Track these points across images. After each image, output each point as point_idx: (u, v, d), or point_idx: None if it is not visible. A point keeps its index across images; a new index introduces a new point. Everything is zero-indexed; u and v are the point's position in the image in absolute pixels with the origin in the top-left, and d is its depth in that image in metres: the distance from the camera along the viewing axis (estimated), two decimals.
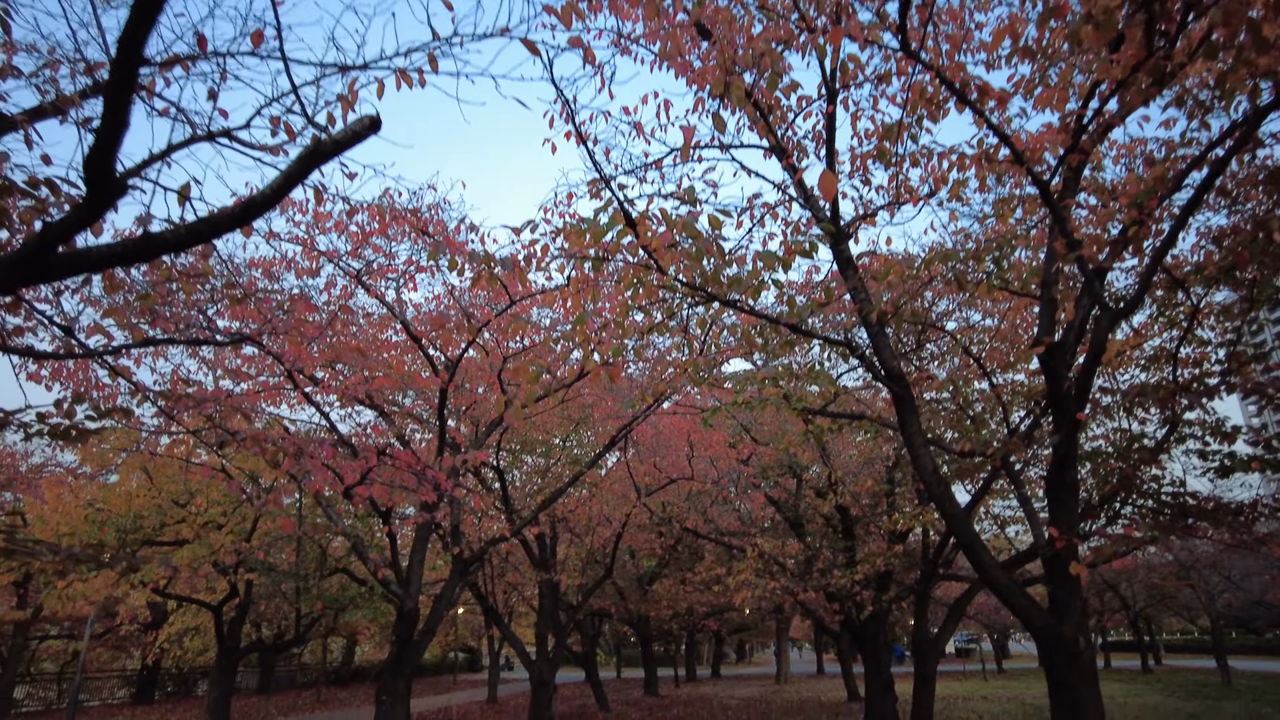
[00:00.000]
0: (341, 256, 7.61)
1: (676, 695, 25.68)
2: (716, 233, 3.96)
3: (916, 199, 6.11)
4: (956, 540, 4.90)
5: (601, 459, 16.03)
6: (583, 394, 13.27)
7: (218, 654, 12.31)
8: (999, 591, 4.63)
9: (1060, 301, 5.39)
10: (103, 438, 10.94)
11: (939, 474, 4.93)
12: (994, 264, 4.89)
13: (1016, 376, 9.31)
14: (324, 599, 13.09)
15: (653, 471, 13.98)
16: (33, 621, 21.07)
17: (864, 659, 14.60)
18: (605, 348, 4.87)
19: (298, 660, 36.20)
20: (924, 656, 9.59)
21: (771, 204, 5.77)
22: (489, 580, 15.83)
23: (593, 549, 17.48)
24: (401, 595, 8.77)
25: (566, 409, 15.11)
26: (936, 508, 4.97)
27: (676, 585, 22.42)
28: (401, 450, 6.23)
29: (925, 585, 9.88)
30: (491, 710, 22.06)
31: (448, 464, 8.17)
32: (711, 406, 6.64)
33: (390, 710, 8.62)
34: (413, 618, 8.76)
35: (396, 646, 8.89)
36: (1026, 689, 24.20)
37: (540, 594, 15.39)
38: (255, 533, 11.24)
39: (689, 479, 13.72)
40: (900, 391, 5.07)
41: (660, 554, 20.21)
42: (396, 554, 9.05)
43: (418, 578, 9.14)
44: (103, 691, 26.63)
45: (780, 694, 25.06)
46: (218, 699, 12.14)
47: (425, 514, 9.09)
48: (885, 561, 10.82)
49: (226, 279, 3.98)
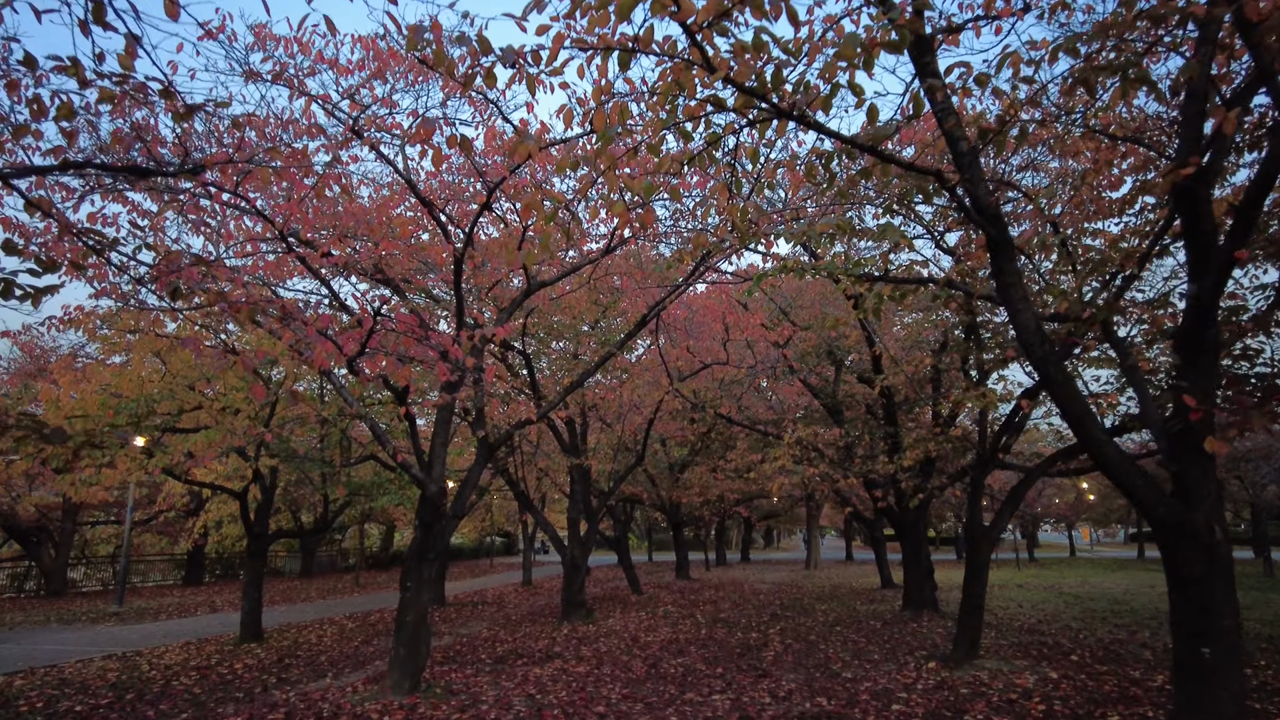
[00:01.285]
0: (335, 105, 6.67)
1: (707, 579, 26.07)
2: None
3: (1010, 9, 4.97)
4: (1064, 413, 4.10)
5: (632, 343, 15.36)
6: (610, 276, 12.43)
7: (247, 540, 12.24)
8: (1113, 471, 3.87)
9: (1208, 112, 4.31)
10: (106, 321, 10.45)
11: (1043, 332, 4.07)
12: (1124, 69, 3.81)
13: (1094, 242, 8.24)
14: (351, 486, 12.89)
15: (685, 357, 13.27)
16: (76, 508, 21.67)
17: (903, 546, 14.24)
18: (636, 183, 3.98)
19: (338, 546, 37.56)
20: (977, 546, 9.02)
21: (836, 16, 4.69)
22: (520, 466, 15.59)
23: (623, 437, 17.10)
24: (424, 480, 8.31)
25: (594, 293, 14.34)
26: (1038, 374, 4.15)
27: (708, 473, 22.25)
28: (404, 314, 5.52)
29: (982, 471, 9.20)
30: (526, 592, 22.54)
31: (466, 340, 7.48)
32: (758, 273, 5.77)
33: (415, 596, 8.33)
34: (436, 502, 8.33)
35: (420, 532, 8.51)
36: (1061, 578, 24.08)
37: (571, 480, 15.12)
38: (274, 418, 10.84)
39: (724, 364, 13.00)
40: (996, 234, 4.15)
41: (692, 441, 19.83)
42: (416, 437, 8.52)
43: (441, 462, 8.66)
44: (155, 573, 27.82)
45: (811, 579, 25.29)
46: (249, 582, 12.15)
47: (446, 395, 8.51)
48: (937, 446, 10.13)
49: (164, 87, 3.14)
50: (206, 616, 16.94)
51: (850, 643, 11.13)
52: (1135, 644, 10.63)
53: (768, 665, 9.52)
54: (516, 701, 7.73)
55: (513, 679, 8.87)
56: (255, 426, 9.78)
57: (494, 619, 15.54)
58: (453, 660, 10.31)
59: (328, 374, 7.40)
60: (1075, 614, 14.26)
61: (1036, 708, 7.16)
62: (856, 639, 11.48)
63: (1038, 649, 10.25)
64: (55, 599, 21.75)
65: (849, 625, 13.04)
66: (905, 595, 14.27)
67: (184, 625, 15.22)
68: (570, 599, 14.15)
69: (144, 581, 26.77)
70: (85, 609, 18.59)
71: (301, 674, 9.66)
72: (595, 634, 12.51)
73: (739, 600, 17.88)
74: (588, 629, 13.14)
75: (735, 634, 12.27)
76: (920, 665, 9.12)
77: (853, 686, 8.21)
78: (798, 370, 13.59)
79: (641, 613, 15.41)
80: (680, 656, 10.26)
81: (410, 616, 8.34)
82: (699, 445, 21.16)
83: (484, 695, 8.03)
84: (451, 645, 11.82)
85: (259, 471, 11.52)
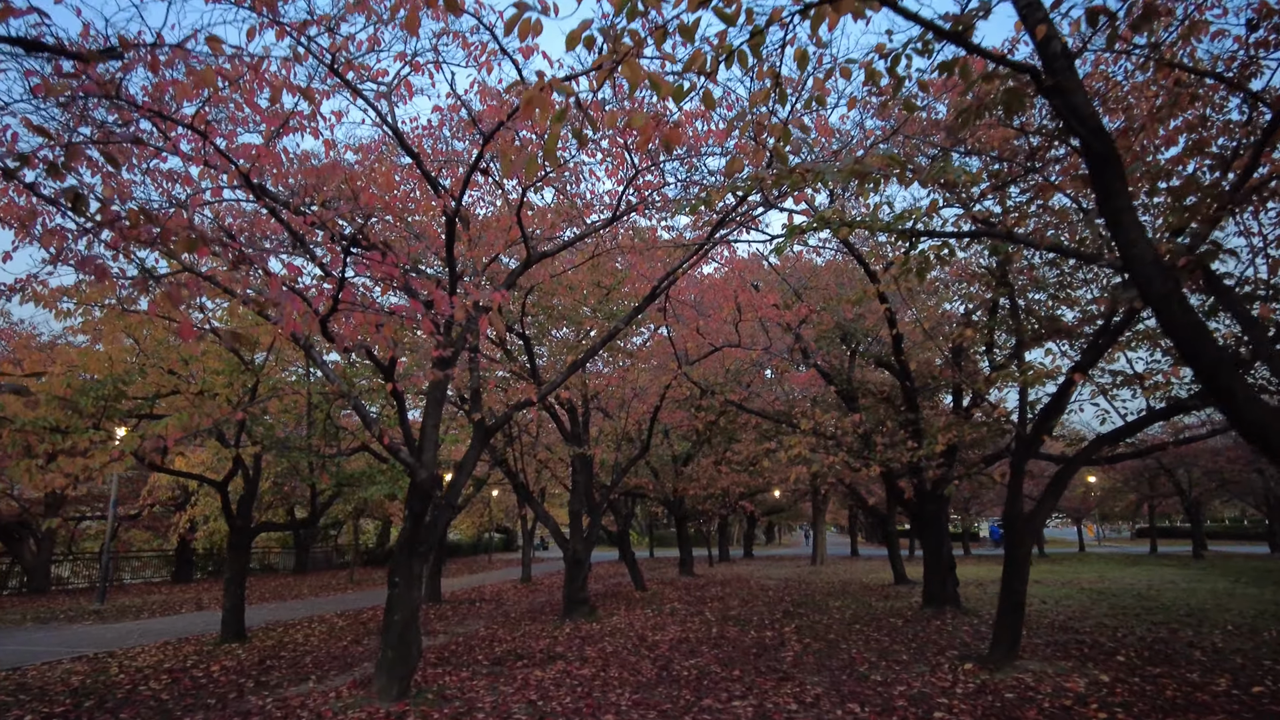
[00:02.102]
0: (311, 38, 5.89)
1: (712, 575, 25.33)
2: None
3: None
4: (1194, 362, 3.31)
5: (636, 327, 14.58)
6: (615, 256, 11.66)
7: (229, 533, 11.47)
8: (1256, 433, 3.13)
9: None
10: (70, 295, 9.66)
11: (1161, 262, 3.32)
12: None
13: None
14: (339, 477, 12.07)
15: (694, 339, 12.51)
16: (60, 502, 20.87)
17: (923, 540, 13.50)
18: (664, 89, 3.21)
19: (334, 542, 36.76)
20: (1018, 538, 8.26)
21: None
22: (519, 458, 14.81)
23: (626, 428, 16.35)
24: (413, 464, 7.54)
25: (596, 273, 13.56)
26: (1159, 317, 3.39)
27: (712, 466, 21.47)
28: (378, 253, 4.75)
29: (1024, 455, 8.42)
30: (525, 589, 21.79)
31: (460, 305, 6.72)
32: (791, 226, 4.99)
33: (404, 593, 7.57)
34: (427, 489, 7.56)
35: (410, 522, 7.75)
36: (1075, 574, 23.35)
37: (573, 470, 14.35)
38: (255, 400, 10.08)
39: (736, 345, 12.25)
40: (1102, 147, 3.39)
41: (700, 430, 18.98)
42: (406, 420, 7.74)
43: (433, 445, 7.90)
44: (146, 570, 27.03)
45: (819, 575, 24.55)
46: (231, 579, 11.39)
47: (438, 371, 7.74)
48: (972, 429, 9.37)
49: None
50: (191, 615, 16.17)
51: (873, 642, 10.39)
52: (1180, 643, 9.89)
53: (788, 667, 8.76)
54: (516, 709, 6.97)
55: (512, 683, 8.10)
56: (232, 409, 9.00)
57: (492, 617, 14.79)
58: (447, 662, 9.55)
59: (303, 345, 6.62)
60: (1104, 611, 13.52)
61: (1096, 715, 6.41)
62: (879, 638, 10.74)
63: (1078, 648, 9.51)
64: (37, 597, 20.97)
65: (868, 623, 12.30)
66: (925, 591, 13.53)
67: (165, 624, 14.45)
68: (572, 596, 13.40)
69: (134, 578, 25.99)
70: (66, 607, 17.81)
71: (283, 677, 8.89)
72: (599, 633, 11.76)
73: (748, 597, 17.14)
74: (591, 627, 12.39)
75: (749, 632, 11.53)
76: (955, 667, 8.36)
77: (885, 691, 7.45)
78: (813, 353, 12.84)
79: (647, 610, 14.66)
80: (692, 657, 9.51)
81: (399, 615, 7.59)
82: (705, 434, 20.36)
83: (480, 701, 7.27)
84: (446, 645, 11.07)
85: (240, 459, 10.73)
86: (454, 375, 8.45)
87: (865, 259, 11.33)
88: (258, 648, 11.09)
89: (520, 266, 8.79)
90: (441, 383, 8.04)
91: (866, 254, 10.40)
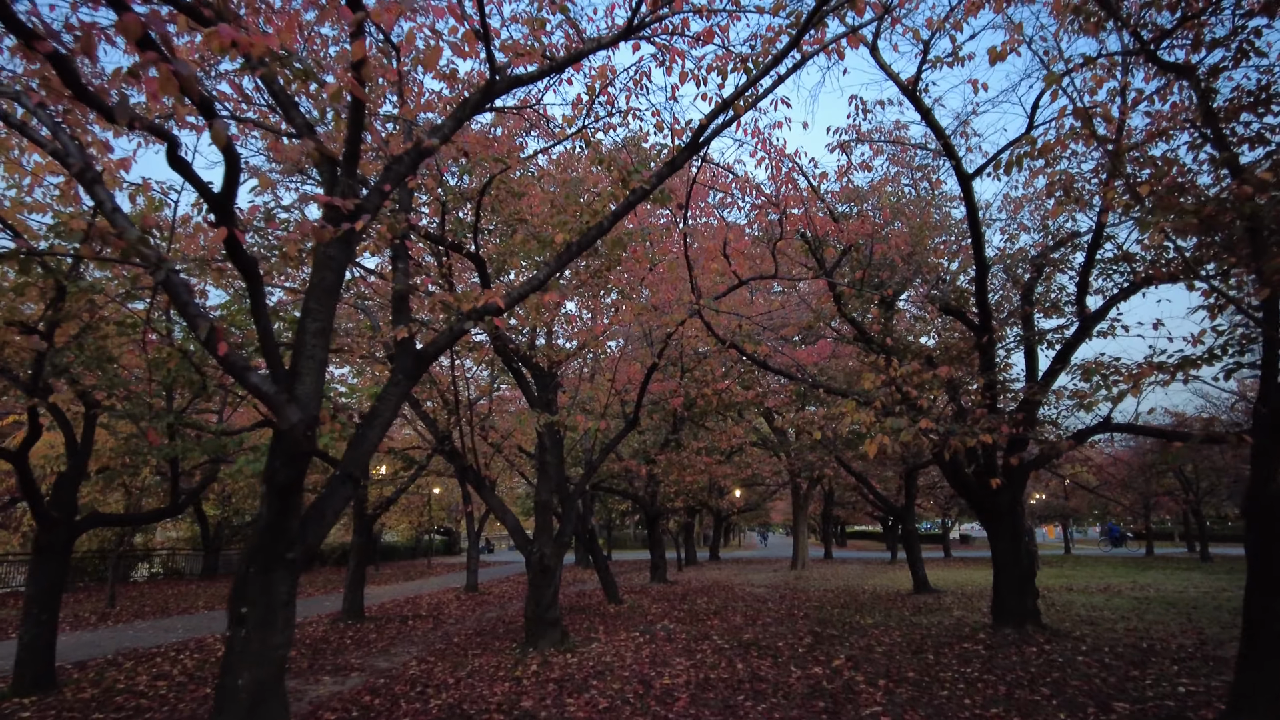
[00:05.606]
0: None
1: (686, 581, 22.06)
2: None
3: None
4: None
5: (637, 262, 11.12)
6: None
7: (36, 529, 7.65)
8: None
9: None
10: None
11: None
12: None
13: None
14: (208, 448, 8.24)
15: (710, 274, 9.22)
16: None
17: (993, 539, 10.47)
18: None
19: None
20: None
21: None
22: (467, 434, 11.17)
23: (608, 399, 12.96)
24: (273, 396, 4.02)
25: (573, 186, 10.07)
26: None
27: (694, 455, 18.13)
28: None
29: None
30: (471, 600, 18.14)
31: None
32: None
33: (257, 636, 4.06)
34: (298, 443, 4.06)
35: (270, 504, 4.22)
36: (1091, 579, 20.86)
37: (541, 448, 10.86)
38: (61, 315, 6.35)
39: (771, 276, 8.98)
40: None
41: (677, 411, 15.36)
42: (262, 308, 4.15)
43: (315, 367, 4.38)
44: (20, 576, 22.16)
45: (807, 581, 21.48)
46: (34, 597, 7.61)
47: (330, 228, 4.21)
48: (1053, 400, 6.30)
49: None
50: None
51: (979, 683, 7.24)
52: None
53: None
54: None
55: None
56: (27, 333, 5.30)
57: (428, 641, 11.19)
58: None
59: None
60: (1177, 622, 10.64)
61: None
62: (981, 675, 7.59)
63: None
64: None
65: (937, 650, 9.16)
66: (997, 605, 10.49)
67: None
68: (539, 616, 9.91)
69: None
70: None
71: None
72: (579, 670, 8.34)
73: (748, 611, 13.89)
74: (567, 661, 8.95)
75: (790, 669, 8.26)
76: None
77: None
78: (874, 280, 9.66)
79: (633, 631, 11.25)
80: (733, 718, 6.19)
81: (246, 677, 4.07)
82: (684, 414, 16.89)
83: None
84: (356, 693, 7.51)
85: (35, 411, 6.98)
86: (359, 251, 4.93)
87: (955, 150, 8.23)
88: (66, 702, 7.31)
89: (479, 92, 5.34)
90: (335, 256, 4.52)
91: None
